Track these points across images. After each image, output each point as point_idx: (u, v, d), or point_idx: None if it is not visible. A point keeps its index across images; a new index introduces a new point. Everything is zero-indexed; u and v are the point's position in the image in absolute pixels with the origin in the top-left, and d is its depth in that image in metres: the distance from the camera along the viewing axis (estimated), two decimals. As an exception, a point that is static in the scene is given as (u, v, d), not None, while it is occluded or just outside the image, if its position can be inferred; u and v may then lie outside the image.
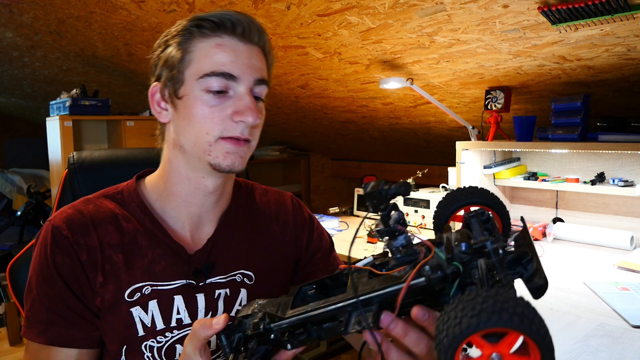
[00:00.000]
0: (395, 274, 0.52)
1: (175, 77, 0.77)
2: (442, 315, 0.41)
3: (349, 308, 0.53)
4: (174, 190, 0.82)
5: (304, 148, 3.92)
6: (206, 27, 0.75)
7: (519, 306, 0.38)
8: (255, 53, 0.78)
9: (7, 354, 2.79)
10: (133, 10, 2.02)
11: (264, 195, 0.97)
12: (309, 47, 1.94)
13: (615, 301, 1.28)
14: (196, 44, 0.76)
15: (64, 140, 2.77)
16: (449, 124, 2.42)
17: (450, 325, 0.39)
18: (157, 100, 0.81)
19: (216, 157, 0.76)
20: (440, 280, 0.49)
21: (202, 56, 0.75)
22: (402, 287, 0.50)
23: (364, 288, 0.53)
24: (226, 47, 0.75)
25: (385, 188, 0.52)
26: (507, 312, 0.38)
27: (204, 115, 0.75)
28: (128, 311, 0.78)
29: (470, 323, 0.38)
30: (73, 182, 1.00)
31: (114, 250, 0.79)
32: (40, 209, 4.09)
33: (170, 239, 0.81)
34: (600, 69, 1.60)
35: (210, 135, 0.75)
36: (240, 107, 0.75)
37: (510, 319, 0.37)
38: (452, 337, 0.39)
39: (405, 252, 0.53)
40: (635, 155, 1.82)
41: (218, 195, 0.84)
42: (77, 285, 0.76)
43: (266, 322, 0.56)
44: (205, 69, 0.74)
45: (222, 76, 0.74)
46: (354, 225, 2.67)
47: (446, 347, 0.39)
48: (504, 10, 1.37)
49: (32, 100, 4.69)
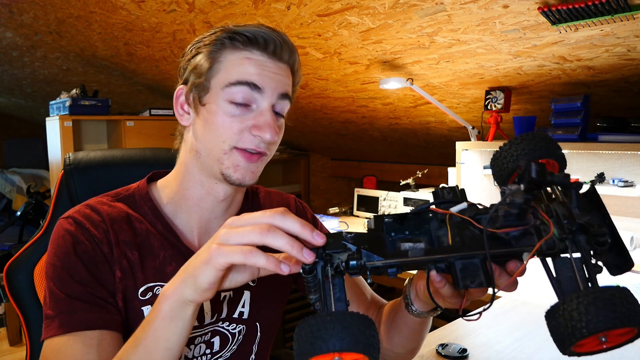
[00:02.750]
0: (502, 234, 0.52)
1: (201, 84, 0.78)
2: (561, 304, 0.45)
3: (452, 259, 0.53)
4: (186, 194, 0.83)
5: (304, 148, 3.92)
6: (239, 40, 0.77)
7: (632, 303, 0.43)
8: (283, 70, 0.79)
9: (7, 354, 2.79)
10: (133, 10, 2.02)
11: (267, 198, 0.97)
12: (309, 47, 1.94)
13: (615, 302, 1.27)
14: (226, 55, 0.77)
15: (64, 140, 2.77)
16: (449, 124, 2.42)
17: (578, 320, 0.43)
18: (181, 103, 0.82)
19: (227, 168, 0.77)
20: (546, 255, 0.51)
21: (230, 66, 0.76)
22: (512, 252, 0.52)
23: (469, 243, 0.53)
24: (254, 61, 0.76)
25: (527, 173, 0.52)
26: (620, 312, 0.42)
27: (224, 124, 0.76)
28: (140, 309, 0.78)
29: (600, 323, 0.42)
30: (69, 183, 1.00)
31: (129, 247, 0.79)
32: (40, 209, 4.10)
33: (181, 243, 0.82)
34: (600, 69, 1.60)
35: (226, 144, 0.76)
36: (260, 122, 0.76)
37: (629, 319, 0.42)
38: (579, 335, 0.43)
39: (517, 215, 0.52)
40: (635, 156, 1.82)
41: (228, 203, 0.85)
42: (100, 273, 0.76)
43: (362, 261, 0.53)
44: (232, 78, 0.75)
45: (246, 85, 0.75)
46: (353, 225, 2.67)
47: (569, 342, 0.44)
48: (504, 11, 1.36)
49: (32, 100, 4.70)
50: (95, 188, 0.98)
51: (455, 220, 0.54)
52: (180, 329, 0.61)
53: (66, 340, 0.71)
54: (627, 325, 0.42)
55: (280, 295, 0.93)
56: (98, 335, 0.72)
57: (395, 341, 0.83)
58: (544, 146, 0.56)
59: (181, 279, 0.60)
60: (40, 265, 0.96)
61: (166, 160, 1.06)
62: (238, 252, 0.54)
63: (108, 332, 0.73)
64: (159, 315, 0.61)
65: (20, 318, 0.96)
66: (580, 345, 0.45)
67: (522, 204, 0.50)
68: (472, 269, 0.52)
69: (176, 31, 2.13)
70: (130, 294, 0.78)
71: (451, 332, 1.15)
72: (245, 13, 1.74)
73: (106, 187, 0.89)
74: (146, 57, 2.59)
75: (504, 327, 1.15)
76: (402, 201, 2.66)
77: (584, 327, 0.43)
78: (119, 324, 0.75)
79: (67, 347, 0.70)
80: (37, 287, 0.96)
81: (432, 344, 1.08)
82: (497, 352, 1.03)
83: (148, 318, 0.63)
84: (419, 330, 0.80)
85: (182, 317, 0.60)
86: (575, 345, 0.45)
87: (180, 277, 0.60)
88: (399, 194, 2.67)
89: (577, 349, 0.46)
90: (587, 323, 0.43)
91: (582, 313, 0.43)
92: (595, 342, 0.45)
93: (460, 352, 1.03)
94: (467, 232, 0.54)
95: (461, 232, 0.54)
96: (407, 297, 0.75)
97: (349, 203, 3.05)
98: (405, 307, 0.75)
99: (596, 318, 0.42)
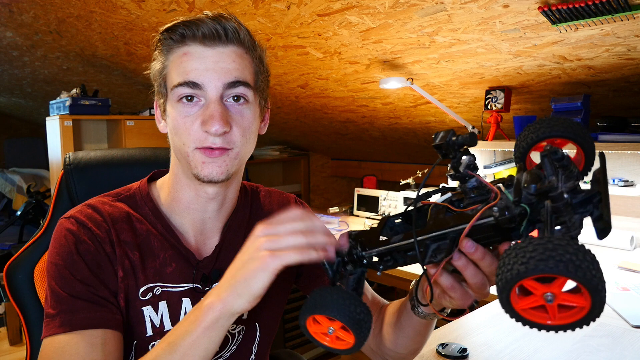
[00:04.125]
0: (468, 212, 0.56)
1: (160, 90, 0.79)
2: (501, 258, 0.45)
3: (427, 241, 0.58)
4: (177, 197, 0.83)
5: (304, 148, 3.92)
6: (174, 37, 0.75)
7: (568, 253, 0.41)
8: (226, 55, 0.74)
9: (7, 354, 2.79)
10: (133, 9, 2.02)
11: (267, 197, 0.97)
12: (309, 47, 1.94)
13: (615, 301, 1.27)
14: (168, 55, 0.77)
15: (64, 140, 2.77)
16: (449, 124, 2.42)
17: (504, 270, 0.43)
18: (159, 113, 0.83)
19: (195, 167, 0.76)
20: (507, 221, 0.51)
21: (173, 66, 0.76)
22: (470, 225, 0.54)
23: (440, 224, 0.57)
24: (191, 55, 0.74)
25: (453, 139, 0.56)
26: (554, 259, 0.41)
27: (179, 126, 0.75)
28: (140, 310, 0.78)
29: (519, 270, 0.42)
30: (69, 182, 1.00)
31: (130, 248, 0.79)
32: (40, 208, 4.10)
33: (180, 243, 0.82)
34: (600, 69, 1.60)
35: (186, 146, 0.75)
36: (205, 116, 0.73)
37: (557, 266, 0.40)
38: (505, 281, 0.43)
39: (478, 193, 0.57)
40: (635, 155, 1.82)
41: (220, 202, 0.84)
42: (102, 273, 0.76)
43: (358, 251, 0.62)
44: (175, 80, 0.75)
45: (186, 85, 0.73)
46: (354, 225, 2.67)
47: (501, 289, 0.44)
48: (504, 10, 1.36)
49: (32, 99, 4.69)
50: (95, 187, 0.98)
51: (437, 208, 0.60)
52: (219, 338, 0.63)
53: (70, 339, 0.70)
54: (555, 273, 0.41)
55: (280, 295, 0.93)
56: (102, 334, 0.72)
57: (399, 342, 0.83)
58: (560, 127, 0.57)
59: (229, 292, 0.61)
60: (40, 265, 0.97)
61: (166, 160, 1.05)
62: (292, 253, 0.59)
63: (111, 331, 0.73)
64: (202, 325, 0.62)
65: (21, 318, 0.96)
66: (520, 302, 0.44)
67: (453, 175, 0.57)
68: (444, 247, 0.58)
69: (176, 31, 2.13)
70: (131, 294, 0.78)
71: (451, 331, 1.15)
72: (245, 13, 1.74)
73: (106, 187, 0.89)
74: (146, 56, 2.58)
75: (504, 327, 1.15)
76: (402, 201, 2.66)
77: (512, 269, 0.43)
78: (120, 323, 0.75)
79: (71, 345, 0.70)
80: (37, 287, 0.96)
81: (432, 343, 1.08)
82: (497, 352, 1.03)
83: (187, 327, 0.63)
84: (423, 332, 0.80)
85: (224, 327, 0.62)
86: (513, 298, 0.44)
87: (226, 290, 0.61)
88: (399, 193, 2.67)
89: (519, 308, 0.45)
90: (518, 266, 0.42)
91: (518, 256, 0.43)
92: (539, 305, 0.44)
93: (460, 352, 1.03)
94: (441, 216, 0.59)
95: (437, 217, 0.59)
96: (413, 299, 0.75)
97: (349, 203, 3.05)
98: (411, 309, 0.75)
99: (528, 261, 0.42)
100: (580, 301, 0.43)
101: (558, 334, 1.09)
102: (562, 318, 0.44)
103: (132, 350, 0.79)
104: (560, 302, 0.44)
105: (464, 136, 0.55)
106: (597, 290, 0.41)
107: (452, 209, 0.58)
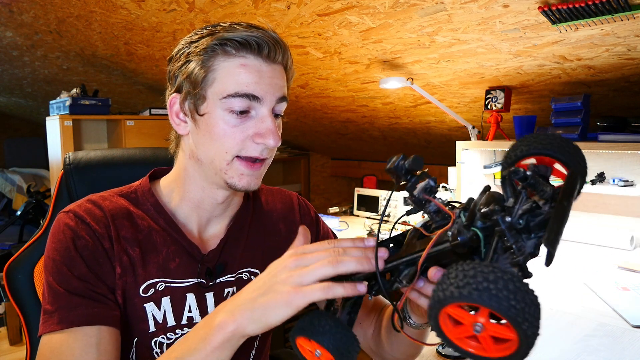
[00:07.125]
0: (431, 236, 0.56)
1: (197, 94, 0.77)
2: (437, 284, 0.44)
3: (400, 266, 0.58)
4: (187, 196, 0.84)
5: (304, 148, 3.92)
6: (230, 46, 0.75)
7: (486, 281, 0.40)
8: (278, 71, 0.78)
9: (7, 354, 2.79)
10: (133, 9, 2.02)
11: (270, 195, 0.98)
12: (309, 47, 1.94)
13: (615, 301, 1.27)
14: (220, 63, 0.75)
15: (64, 140, 2.77)
16: (449, 124, 2.42)
17: (433, 296, 0.43)
18: (176, 111, 0.81)
19: (232, 177, 0.78)
20: (461, 245, 0.50)
21: (225, 76, 0.75)
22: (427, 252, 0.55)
23: (412, 248, 0.58)
24: (250, 68, 0.75)
25: (400, 164, 0.55)
26: (470, 286, 0.40)
27: (225, 134, 0.75)
28: (142, 306, 0.78)
29: (439, 297, 0.42)
30: (69, 182, 1.00)
31: (129, 244, 0.79)
32: (40, 208, 4.10)
33: (185, 239, 0.83)
34: (600, 69, 1.60)
35: (228, 154, 0.76)
36: (262, 129, 0.76)
37: (470, 294, 0.40)
38: (430, 308, 0.43)
39: (441, 217, 0.56)
40: (635, 155, 1.82)
41: (228, 204, 0.87)
42: (100, 269, 0.76)
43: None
44: (229, 89, 0.74)
45: (245, 97, 0.74)
46: (354, 225, 2.67)
47: (428, 316, 0.44)
48: (504, 10, 1.36)
49: (32, 99, 4.69)
50: (95, 187, 0.98)
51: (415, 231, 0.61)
52: (227, 357, 0.62)
53: (65, 339, 0.71)
54: (469, 301, 0.40)
55: None
56: (97, 333, 0.72)
57: (395, 347, 0.84)
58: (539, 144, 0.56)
59: (245, 316, 0.59)
60: (40, 264, 0.97)
61: (166, 160, 1.06)
62: (318, 291, 0.56)
63: (107, 328, 0.73)
64: (211, 344, 0.60)
65: (20, 317, 0.96)
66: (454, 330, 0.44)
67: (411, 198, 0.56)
68: (412, 272, 0.58)
69: (176, 31, 2.13)
70: (130, 290, 0.78)
71: (451, 331, 1.15)
72: (245, 12, 1.74)
73: (106, 187, 0.90)
74: (146, 56, 2.58)
75: (504, 327, 1.15)
76: (402, 201, 2.66)
77: (434, 297, 0.42)
78: (117, 319, 0.75)
79: (67, 346, 0.70)
80: (37, 287, 0.96)
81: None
82: (497, 352, 1.04)
83: (196, 344, 0.62)
84: (419, 339, 0.80)
85: (234, 347, 0.61)
86: (444, 326, 0.44)
87: (241, 312, 0.60)
88: (399, 193, 2.67)
89: (454, 337, 0.44)
90: (439, 292, 0.42)
91: (442, 283, 0.42)
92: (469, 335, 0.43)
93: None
94: (414, 241, 0.59)
95: (411, 241, 0.60)
96: (403, 311, 0.75)
97: (349, 203, 3.05)
98: (404, 319, 0.75)
99: (447, 288, 0.41)
100: (509, 334, 0.41)
101: (558, 334, 1.09)
102: (496, 350, 0.42)
103: (133, 347, 0.79)
104: (491, 333, 0.42)
105: (409, 160, 0.55)
106: (517, 322, 0.39)
107: (424, 233, 0.58)
